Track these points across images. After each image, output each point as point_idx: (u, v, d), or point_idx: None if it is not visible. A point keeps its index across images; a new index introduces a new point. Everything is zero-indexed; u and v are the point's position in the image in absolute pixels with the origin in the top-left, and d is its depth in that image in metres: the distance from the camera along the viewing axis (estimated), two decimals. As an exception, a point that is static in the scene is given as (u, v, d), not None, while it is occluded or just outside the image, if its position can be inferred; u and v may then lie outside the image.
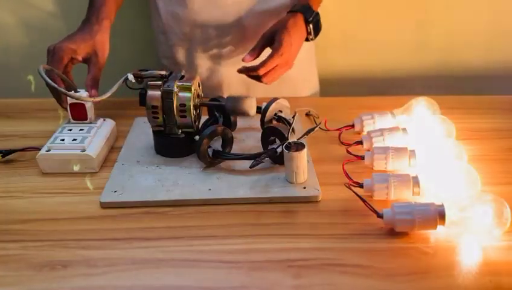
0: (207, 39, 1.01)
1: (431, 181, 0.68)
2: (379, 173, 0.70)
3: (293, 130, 0.76)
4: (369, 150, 0.78)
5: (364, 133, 0.84)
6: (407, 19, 1.34)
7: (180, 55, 1.05)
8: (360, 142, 0.81)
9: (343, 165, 0.73)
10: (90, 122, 0.82)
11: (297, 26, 0.90)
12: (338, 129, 0.85)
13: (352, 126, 0.86)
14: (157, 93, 0.75)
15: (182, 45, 1.04)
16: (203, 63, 1.04)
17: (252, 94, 1.06)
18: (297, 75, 1.07)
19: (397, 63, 1.37)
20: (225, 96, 0.83)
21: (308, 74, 1.14)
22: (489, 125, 0.90)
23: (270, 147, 0.76)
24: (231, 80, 1.05)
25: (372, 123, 0.84)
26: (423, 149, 0.75)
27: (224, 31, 1.01)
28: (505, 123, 0.92)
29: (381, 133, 0.80)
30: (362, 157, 0.76)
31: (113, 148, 0.83)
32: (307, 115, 0.92)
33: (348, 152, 0.78)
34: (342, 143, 0.82)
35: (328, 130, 0.85)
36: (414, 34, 1.35)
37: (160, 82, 0.76)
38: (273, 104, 0.82)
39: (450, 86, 1.38)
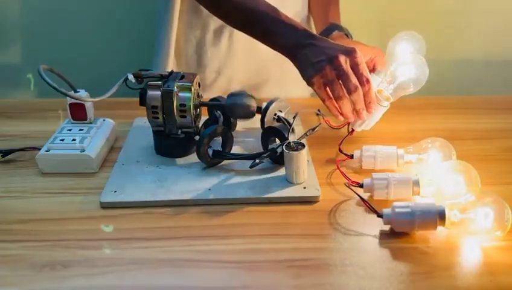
0: (217, 40, 1.02)
1: (431, 181, 0.68)
2: (379, 172, 0.70)
3: (293, 130, 0.76)
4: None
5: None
6: (406, 19, 1.34)
7: (189, 55, 1.05)
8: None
9: (337, 165, 0.73)
10: (90, 123, 0.82)
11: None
12: (343, 124, 0.84)
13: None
14: (157, 93, 0.75)
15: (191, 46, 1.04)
16: (212, 64, 1.04)
17: (261, 93, 1.07)
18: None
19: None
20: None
21: None
22: (488, 126, 0.90)
23: (270, 147, 0.76)
24: (240, 79, 1.05)
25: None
26: (416, 148, 0.75)
27: (234, 35, 1.01)
28: (504, 123, 0.92)
29: None
30: (352, 156, 0.77)
31: (113, 148, 0.83)
32: (317, 114, 0.91)
33: (340, 151, 0.78)
34: (349, 132, 0.82)
35: (333, 128, 0.84)
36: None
37: (160, 82, 0.76)
38: (273, 104, 0.82)
39: (450, 85, 1.38)
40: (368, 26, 1.32)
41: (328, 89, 0.76)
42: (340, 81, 0.75)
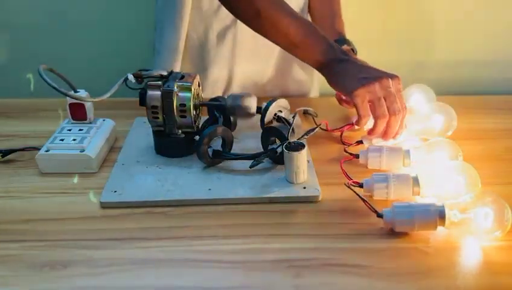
0: (221, 41, 1.01)
1: (431, 181, 0.68)
2: (379, 172, 0.70)
3: (293, 130, 0.76)
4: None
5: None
6: (407, 19, 1.34)
7: (191, 55, 1.05)
8: (361, 142, 0.81)
9: (341, 164, 0.73)
10: (90, 123, 0.82)
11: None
12: (339, 129, 0.84)
13: (353, 124, 0.85)
14: (157, 93, 0.75)
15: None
16: (214, 64, 1.04)
17: (262, 93, 1.07)
18: (306, 74, 1.08)
19: (397, 62, 1.37)
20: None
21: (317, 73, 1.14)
22: (489, 126, 0.90)
23: (270, 147, 0.76)
24: (241, 80, 1.05)
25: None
26: (423, 148, 0.75)
27: (237, 37, 1.01)
28: (505, 123, 0.92)
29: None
30: (357, 156, 0.77)
31: (113, 148, 0.83)
32: (305, 113, 0.91)
33: (345, 151, 0.78)
34: (344, 143, 0.82)
35: (329, 131, 0.85)
36: (414, 34, 1.35)
37: (160, 82, 0.76)
38: (273, 104, 0.82)
39: (450, 85, 1.38)
40: (367, 26, 1.32)
41: (370, 105, 0.78)
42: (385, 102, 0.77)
